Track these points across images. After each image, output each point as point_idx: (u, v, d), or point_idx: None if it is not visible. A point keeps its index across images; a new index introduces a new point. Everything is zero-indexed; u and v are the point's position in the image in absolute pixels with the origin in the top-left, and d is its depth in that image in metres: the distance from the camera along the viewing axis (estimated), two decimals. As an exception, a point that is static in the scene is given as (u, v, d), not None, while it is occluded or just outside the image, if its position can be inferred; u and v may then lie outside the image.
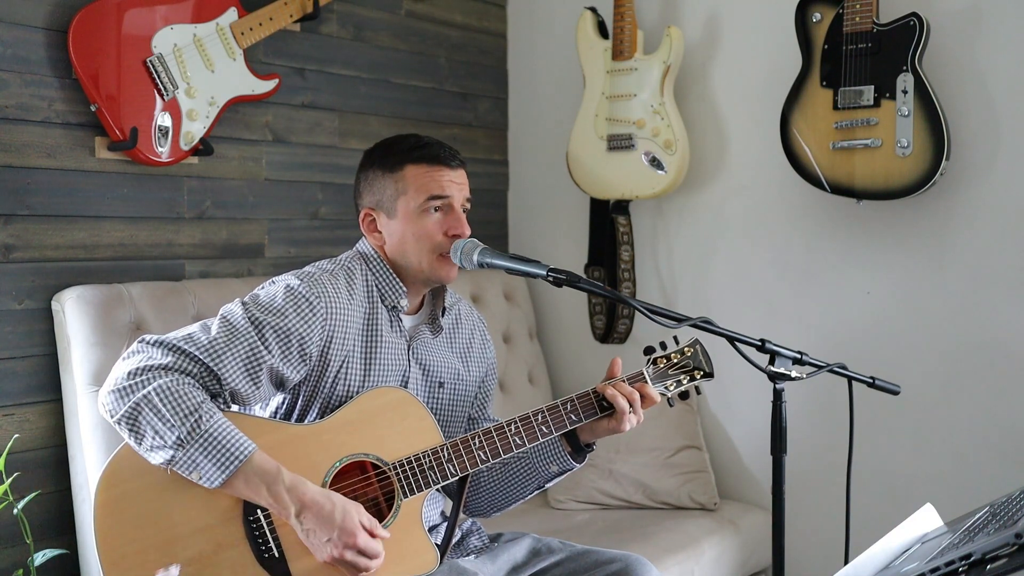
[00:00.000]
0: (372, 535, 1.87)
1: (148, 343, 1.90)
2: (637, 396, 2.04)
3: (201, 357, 1.88)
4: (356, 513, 1.86)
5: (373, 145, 2.18)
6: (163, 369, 1.85)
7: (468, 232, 2.09)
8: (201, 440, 1.81)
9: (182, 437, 1.80)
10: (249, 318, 1.94)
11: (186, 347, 1.88)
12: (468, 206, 2.13)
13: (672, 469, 3.16)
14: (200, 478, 1.82)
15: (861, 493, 2.47)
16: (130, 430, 1.83)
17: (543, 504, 3.22)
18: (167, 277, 2.72)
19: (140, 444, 1.83)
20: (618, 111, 3.27)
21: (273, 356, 1.93)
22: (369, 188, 2.13)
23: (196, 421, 1.81)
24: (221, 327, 1.93)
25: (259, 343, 1.92)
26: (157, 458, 1.82)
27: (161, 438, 1.81)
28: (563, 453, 2.11)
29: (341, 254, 2.16)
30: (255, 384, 1.92)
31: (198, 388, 1.86)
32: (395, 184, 2.09)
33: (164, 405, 1.81)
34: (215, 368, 1.88)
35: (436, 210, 2.08)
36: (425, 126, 3.40)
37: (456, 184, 2.10)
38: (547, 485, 2.18)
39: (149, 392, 1.82)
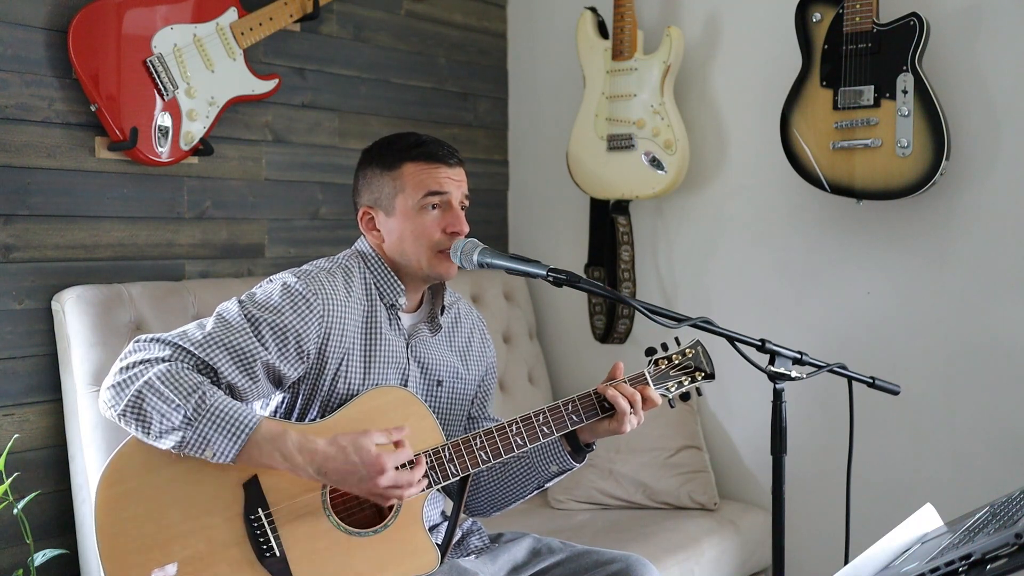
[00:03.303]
0: (397, 445, 1.90)
1: (143, 341, 1.91)
2: (639, 397, 2.04)
3: (196, 352, 1.88)
4: (368, 441, 1.86)
5: (371, 144, 2.18)
6: (159, 360, 1.86)
7: (467, 229, 2.09)
8: (208, 414, 1.81)
9: (189, 415, 1.80)
10: (245, 315, 1.94)
11: (181, 342, 1.89)
12: (467, 204, 2.13)
13: (672, 469, 3.16)
14: (214, 455, 1.82)
15: (861, 493, 2.47)
16: (136, 419, 1.83)
17: (543, 504, 3.22)
18: (167, 277, 2.72)
19: (148, 432, 1.83)
20: (618, 111, 3.27)
21: (270, 353, 1.93)
22: (367, 186, 2.13)
23: (200, 397, 1.82)
24: (216, 324, 1.93)
25: (254, 338, 1.92)
26: (167, 442, 1.82)
27: (169, 420, 1.81)
28: (563, 453, 2.11)
29: (339, 253, 2.16)
30: (251, 378, 1.93)
31: (196, 372, 1.87)
32: (393, 182, 2.09)
33: (166, 387, 1.81)
34: (209, 362, 1.88)
35: (434, 207, 2.08)
36: (425, 126, 3.40)
37: (454, 181, 2.10)
38: (547, 485, 2.18)
39: (150, 378, 1.82)
